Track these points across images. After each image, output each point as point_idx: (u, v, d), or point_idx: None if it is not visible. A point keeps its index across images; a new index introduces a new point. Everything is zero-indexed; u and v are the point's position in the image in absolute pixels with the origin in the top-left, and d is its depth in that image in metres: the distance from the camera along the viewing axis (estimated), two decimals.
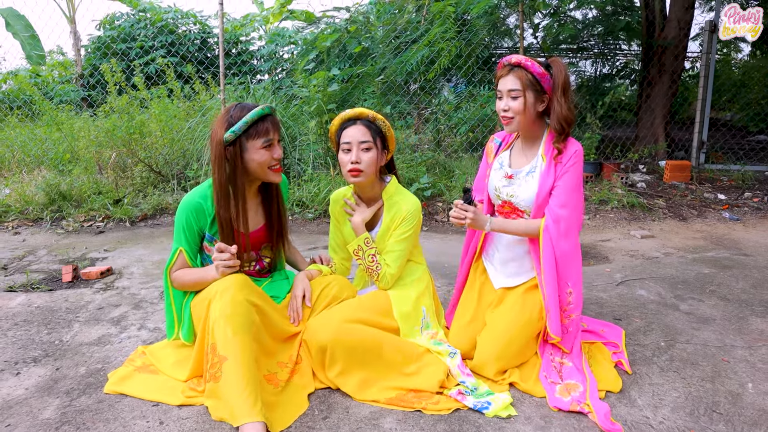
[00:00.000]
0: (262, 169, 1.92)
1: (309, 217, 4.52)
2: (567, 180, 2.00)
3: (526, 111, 1.99)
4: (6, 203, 4.73)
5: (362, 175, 2.03)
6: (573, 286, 2.03)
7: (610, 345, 2.22)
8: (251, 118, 1.86)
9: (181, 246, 1.96)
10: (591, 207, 4.78)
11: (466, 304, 2.21)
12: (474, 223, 2.01)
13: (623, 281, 3.08)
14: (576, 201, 2.01)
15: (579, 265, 2.05)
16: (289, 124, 5.29)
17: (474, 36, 5.56)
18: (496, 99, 2.07)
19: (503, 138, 2.26)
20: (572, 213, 2.00)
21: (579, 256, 2.05)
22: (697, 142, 6.24)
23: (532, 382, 1.94)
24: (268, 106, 1.91)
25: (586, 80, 7.80)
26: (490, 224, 2.05)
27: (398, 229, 2.10)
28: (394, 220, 2.10)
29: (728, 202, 5.07)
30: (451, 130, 5.91)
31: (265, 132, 1.88)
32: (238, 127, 1.86)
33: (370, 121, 2.05)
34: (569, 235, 2.00)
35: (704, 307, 2.71)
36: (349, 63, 5.78)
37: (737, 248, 3.79)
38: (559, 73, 1.97)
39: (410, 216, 2.09)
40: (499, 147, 2.25)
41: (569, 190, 2.00)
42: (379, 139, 2.06)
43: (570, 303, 2.03)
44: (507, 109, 2.00)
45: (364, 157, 2.01)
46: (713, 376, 2.04)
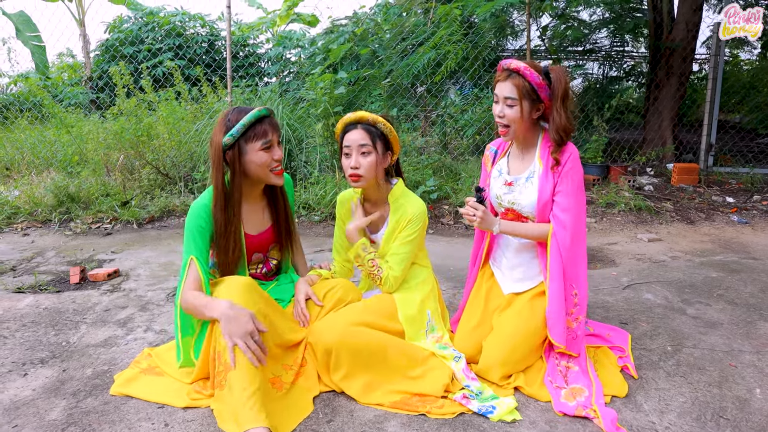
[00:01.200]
0: (263, 171, 1.92)
1: (315, 220, 4.52)
2: (568, 184, 1.99)
3: (521, 120, 1.99)
4: (15, 205, 4.78)
5: (362, 179, 2.03)
6: (578, 288, 2.02)
7: (616, 349, 2.21)
8: (248, 121, 1.86)
9: (192, 254, 1.89)
10: (598, 210, 4.76)
11: (472, 308, 2.21)
12: (483, 222, 2.01)
13: (630, 285, 3.06)
14: (578, 204, 2.01)
15: (584, 267, 2.05)
16: (296, 127, 5.30)
17: (481, 39, 5.56)
18: (493, 102, 2.06)
19: (498, 146, 2.25)
20: (576, 217, 1.99)
21: (585, 259, 2.05)
22: (706, 145, 6.20)
23: (537, 386, 1.93)
24: (266, 108, 1.91)
25: (594, 83, 7.77)
26: (499, 226, 2.05)
27: (403, 232, 2.10)
28: (400, 222, 2.10)
29: (737, 205, 5.03)
30: (457, 132, 5.90)
31: (263, 134, 1.88)
32: (236, 130, 1.86)
33: (370, 125, 2.04)
34: (575, 239, 2.00)
35: (712, 311, 2.69)
36: (356, 65, 5.79)
37: (745, 252, 3.76)
38: (558, 82, 1.95)
39: (415, 218, 2.09)
40: (495, 155, 2.25)
41: (570, 194, 1.99)
42: (381, 143, 2.05)
43: (576, 305, 2.02)
44: (502, 115, 2.00)
45: (363, 162, 2.01)
46: (720, 381, 2.02)
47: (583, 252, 2.04)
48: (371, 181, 2.06)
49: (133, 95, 5.70)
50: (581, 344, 2.04)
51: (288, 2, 7.14)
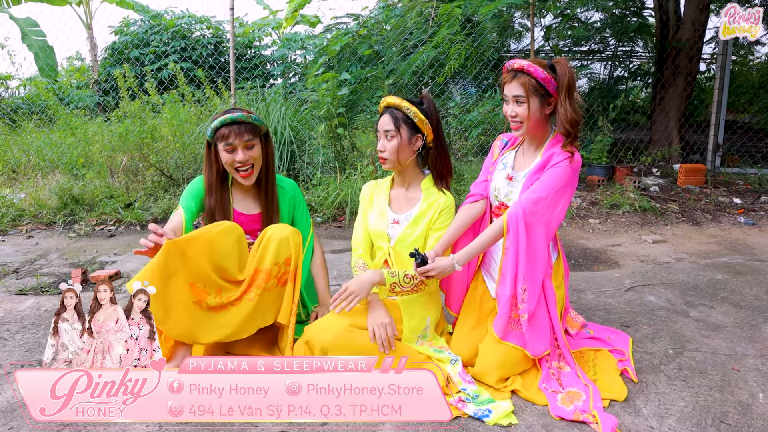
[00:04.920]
0: (229, 168, 2.13)
1: (318, 221, 4.52)
2: (548, 174, 1.96)
3: (532, 116, 1.97)
4: (21, 207, 4.81)
5: (387, 162, 2.10)
6: (528, 283, 1.95)
7: (616, 352, 2.18)
8: (214, 126, 2.08)
9: (182, 206, 2.12)
10: (602, 211, 4.72)
11: (467, 311, 2.19)
12: (440, 272, 1.96)
13: (633, 287, 3.03)
14: (551, 198, 1.94)
15: (539, 263, 1.96)
16: (299, 128, 5.30)
17: (484, 39, 5.53)
18: (503, 103, 2.05)
19: (510, 138, 2.23)
20: (543, 207, 1.93)
21: (542, 255, 1.97)
22: (713, 145, 6.14)
23: (534, 390, 1.91)
24: (238, 115, 2.07)
25: (599, 83, 7.71)
26: (457, 261, 1.98)
27: (437, 222, 2.12)
28: (432, 207, 2.12)
29: (744, 206, 4.97)
30: (461, 134, 5.88)
31: (225, 137, 2.07)
32: (209, 130, 2.11)
33: (395, 109, 2.09)
34: (532, 227, 1.93)
35: (715, 314, 2.65)
36: (359, 66, 5.78)
37: (752, 254, 3.71)
38: (563, 75, 1.93)
39: (448, 209, 2.13)
40: (504, 146, 2.23)
41: (546, 185, 1.94)
42: (406, 126, 2.07)
43: (523, 301, 1.95)
44: (514, 114, 1.99)
45: (387, 146, 2.09)
46: (722, 386, 1.99)
47: (543, 249, 1.97)
48: (395, 164, 2.11)
49: (138, 98, 5.72)
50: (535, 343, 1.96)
51: (292, 4, 7.15)
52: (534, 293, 1.95)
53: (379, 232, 2.16)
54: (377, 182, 2.30)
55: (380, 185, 2.27)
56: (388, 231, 2.15)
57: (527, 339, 1.95)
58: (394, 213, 2.18)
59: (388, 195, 2.21)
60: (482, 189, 2.21)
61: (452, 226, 2.12)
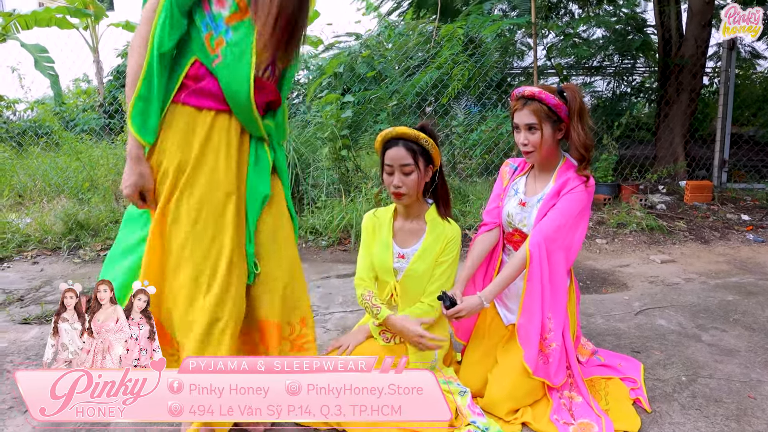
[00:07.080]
0: None
1: (322, 245, 4.50)
2: (565, 200, 1.95)
3: (545, 143, 1.96)
4: (26, 233, 4.82)
5: (405, 197, 2.04)
6: (552, 311, 1.94)
7: (628, 381, 2.14)
8: None
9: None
10: (609, 231, 4.68)
11: (476, 340, 2.15)
12: (470, 311, 1.94)
13: (642, 310, 2.98)
14: (570, 223, 1.94)
15: (561, 291, 1.96)
16: (302, 151, 5.31)
17: (487, 60, 5.56)
18: (514, 132, 2.04)
19: (519, 163, 2.22)
20: (563, 233, 1.93)
21: (564, 282, 1.97)
22: (719, 161, 6.11)
23: (545, 421, 1.87)
24: None
25: (602, 100, 7.72)
26: (484, 298, 1.96)
27: (444, 255, 2.08)
28: (438, 240, 2.07)
29: (752, 223, 4.93)
30: (465, 154, 5.88)
31: None
32: None
33: (411, 141, 2.01)
34: (553, 255, 1.92)
35: (728, 337, 2.61)
36: (361, 87, 5.82)
37: (763, 272, 3.66)
38: (574, 100, 1.94)
39: (454, 241, 2.09)
40: (514, 172, 2.21)
41: (564, 211, 1.94)
42: (423, 159, 2.03)
43: (550, 330, 1.93)
44: (526, 142, 1.98)
45: (406, 181, 2.00)
46: (738, 415, 1.94)
47: (564, 278, 1.97)
48: (413, 198, 2.06)
49: None
50: (558, 373, 1.95)
51: None
52: (559, 321, 1.94)
53: (385, 267, 2.11)
54: (377, 214, 2.21)
55: (381, 217, 2.19)
56: (394, 266, 2.12)
57: (551, 370, 1.93)
58: (399, 247, 2.13)
59: (391, 227, 2.15)
60: (495, 216, 2.19)
61: (470, 258, 2.09)
